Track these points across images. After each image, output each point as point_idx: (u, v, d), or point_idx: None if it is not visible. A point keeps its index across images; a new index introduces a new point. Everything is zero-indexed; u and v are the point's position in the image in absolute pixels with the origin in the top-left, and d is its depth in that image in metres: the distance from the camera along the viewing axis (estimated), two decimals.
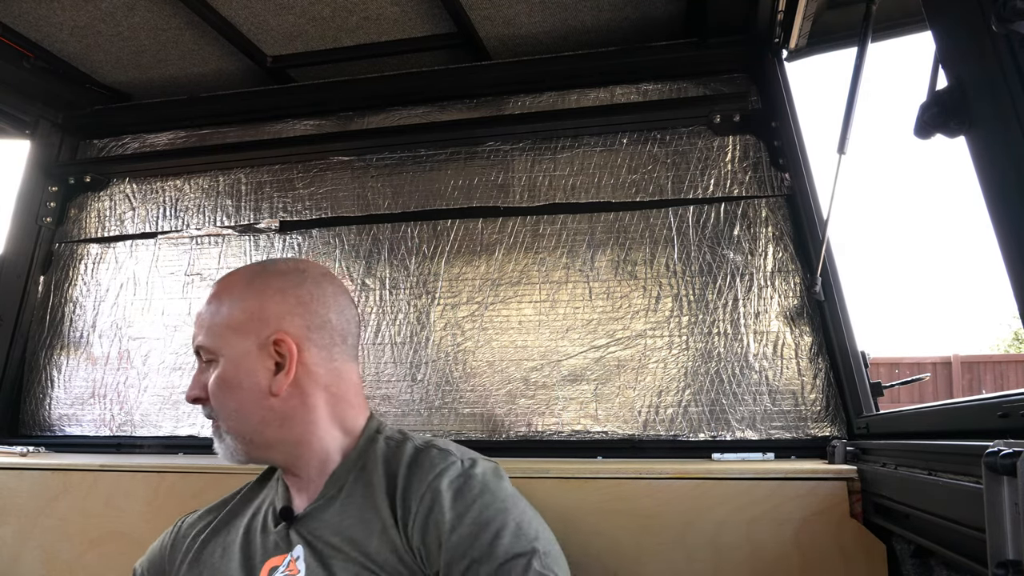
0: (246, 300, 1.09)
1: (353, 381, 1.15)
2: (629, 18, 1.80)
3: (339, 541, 1.02)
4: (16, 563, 1.68)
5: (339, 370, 1.12)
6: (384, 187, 2.07)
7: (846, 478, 1.35)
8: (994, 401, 0.91)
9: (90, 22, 1.85)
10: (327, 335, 1.11)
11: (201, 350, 1.10)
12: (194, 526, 1.20)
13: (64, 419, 2.15)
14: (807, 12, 1.62)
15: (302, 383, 1.08)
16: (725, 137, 1.88)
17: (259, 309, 1.08)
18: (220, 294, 1.11)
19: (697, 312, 1.81)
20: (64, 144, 2.30)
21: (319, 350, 1.10)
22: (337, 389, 1.12)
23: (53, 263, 2.26)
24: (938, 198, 64.72)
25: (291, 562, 1.04)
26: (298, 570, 1.02)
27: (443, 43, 1.92)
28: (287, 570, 1.03)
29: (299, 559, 1.04)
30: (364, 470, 1.08)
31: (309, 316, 1.09)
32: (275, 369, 1.07)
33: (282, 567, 1.04)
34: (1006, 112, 0.73)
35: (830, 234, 1.63)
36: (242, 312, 1.08)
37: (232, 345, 1.07)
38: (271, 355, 1.07)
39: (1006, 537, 0.65)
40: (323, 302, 1.12)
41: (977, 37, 0.76)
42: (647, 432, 1.78)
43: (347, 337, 1.15)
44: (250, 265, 1.17)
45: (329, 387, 1.10)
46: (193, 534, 1.18)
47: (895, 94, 44.20)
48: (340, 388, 1.12)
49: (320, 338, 1.10)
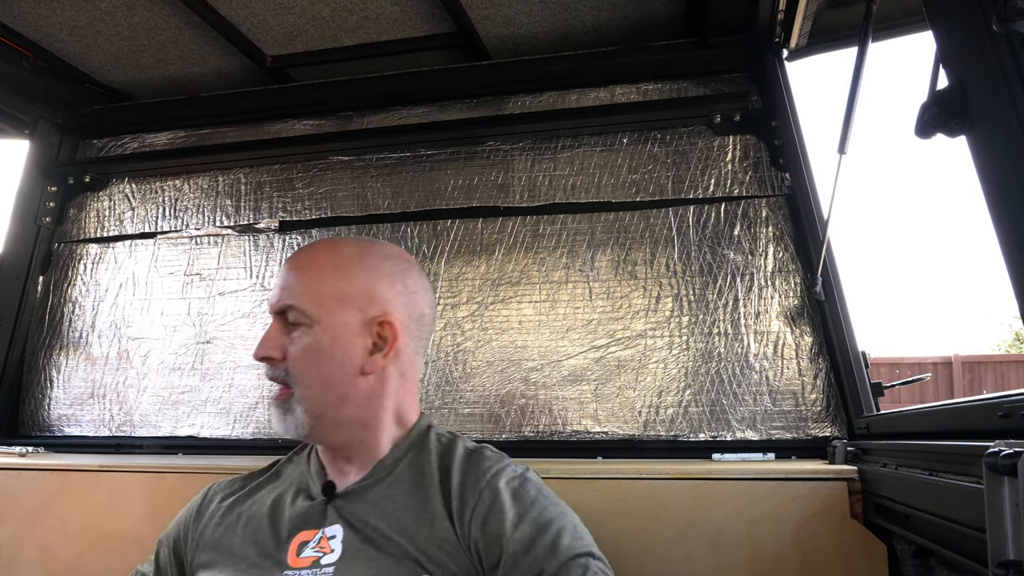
0: (358, 276, 1.09)
1: (418, 376, 1.19)
2: (629, 18, 1.80)
3: (384, 525, 1.02)
4: (16, 563, 1.68)
5: (415, 363, 1.16)
6: (384, 187, 2.07)
7: (846, 478, 1.35)
8: (995, 401, 0.91)
9: (90, 22, 1.85)
10: (420, 327, 1.15)
11: (291, 311, 1.08)
12: (222, 490, 1.19)
13: (63, 419, 2.15)
14: (807, 12, 1.62)
15: (388, 368, 1.10)
16: (725, 137, 1.87)
17: (370, 287, 1.09)
18: (325, 263, 1.10)
19: (697, 312, 1.81)
20: (63, 144, 2.30)
21: (410, 340, 1.13)
22: (409, 380, 1.15)
23: (52, 263, 2.26)
24: (938, 198, 64.74)
25: (322, 539, 1.04)
26: (331, 549, 1.02)
27: (443, 43, 1.92)
28: (318, 547, 1.03)
29: (334, 538, 1.03)
30: (415, 461, 1.10)
31: (412, 306, 1.13)
32: (372, 349, 1.08)
33: (312, 542, 1.04)
34: (1006, 112, 0.73)
35: (830, 234, 1.63)
36: (350, 285, 1.08)
37: (334, 315, 1.07)
38: (371, 334, 1.08)
39: (1007, 537, 0.65)
40: (423, 295, 1.16)
41: (978, 37, 0.76)
42: (647, 432, 1.78)
43: (430, 333, 1.20)
44: (353, 240, 1.16)
45: (404, 376, 1.13)
46: (219, 498, 1.18)
47: (895, 94, 44.21)
48: (411, 380, 1.15)
49: (414, 329, 1.13)
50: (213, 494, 1.20)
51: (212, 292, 2.12)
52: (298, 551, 1.04)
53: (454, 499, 1.02)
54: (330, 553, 1.02)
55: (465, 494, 1.02)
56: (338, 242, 1.16)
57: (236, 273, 2.12)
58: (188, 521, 1.18)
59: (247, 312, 2.08)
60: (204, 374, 2.07)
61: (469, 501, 1.01)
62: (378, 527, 1.03)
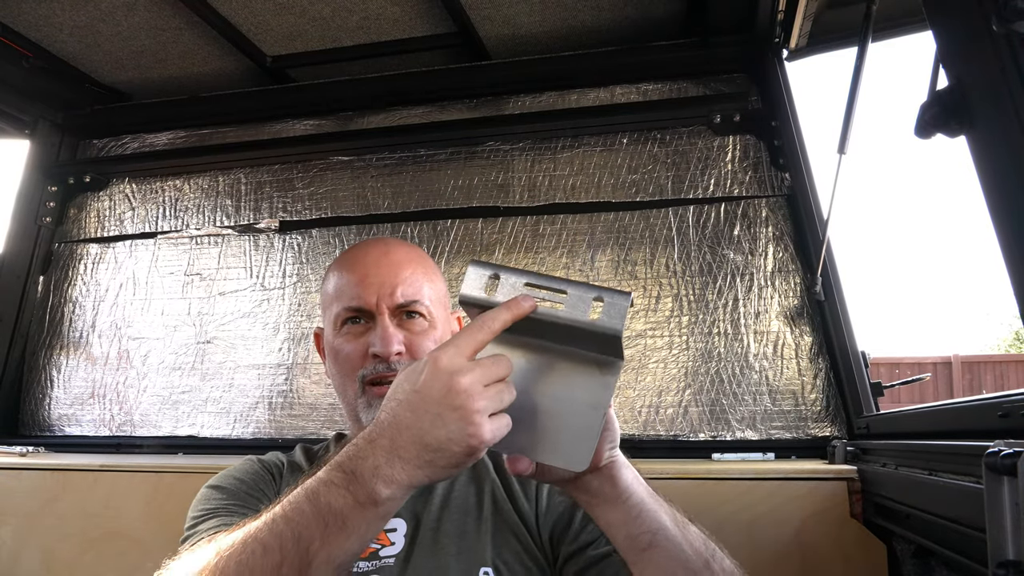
0: (441, 282, 1.18)
1: None
2: (629, 18, 1.80)
3: (445, 518, 1.04)
4: (16, 563, 1.68)
5: None
6: (384, 187, 2.07)
7: (846, 478, 1.35)
8: (994, 401, 0.91)
9: (90, 22, 1.85)
10: None
11: (421, 310, 1.11)
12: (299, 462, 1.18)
13: (64, 419, 2.15)
14: (807, 12, 1.62)
15: None
16: (725, 137, 1.87)
17: (446, 289, 1.20)
18: (429, 268, 1.16)
19: (697, 312, 1.81)
20: (64, 144, 2.30)
21: None
22: None
23: (53, 263, 2.26)
24: (938, 198, 64.74)
25: (381, 533, 1.04)
26: (391, 541, 1.03)
27: (443, 43, 1.92)
28: (376, 540, 1.03)
29: (395, 531, 1.04)
30: None
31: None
32: None
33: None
34: (1006, 112, 0.73)
35: (830, 234, 1.63)
36: (443, 291, 1.18)
37: (444, 319, 1.15)
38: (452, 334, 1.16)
39: (1007, 537, 0.65)
40: None
41: (977, 37, 0.76)
42: (647, 432, 1.78)
43: None
44: (415, 246, 1.22)
45: None
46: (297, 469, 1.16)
47: (895, 94, 44.20)
48: None
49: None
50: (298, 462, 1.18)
51: (212, 292, 2.12)
52: None
53: (515, 480, 1.06)
54: (390, 546, 1.03)
55: (528, 482, 1.06)
56: (410, 248, 1.19)
57: (236, 273, 2.12)
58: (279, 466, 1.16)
59: (247, 312, 2.08)
60: (204, 374, 2.07)
61: (531, 488, 1.06)
62: (440, 520, 1.04)
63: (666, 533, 0.81)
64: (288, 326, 2.04)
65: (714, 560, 0.84)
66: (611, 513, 0.82)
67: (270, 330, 2.05)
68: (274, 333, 2.05)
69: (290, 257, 2.09)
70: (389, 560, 1.01)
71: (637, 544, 0.81)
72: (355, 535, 0.70)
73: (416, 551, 1.01)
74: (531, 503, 1.05)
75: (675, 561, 0.81)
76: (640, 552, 0.81)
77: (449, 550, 1.01)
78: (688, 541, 0.83)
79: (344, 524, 0.69)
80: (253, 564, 0.69)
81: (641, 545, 0.81)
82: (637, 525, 0.81)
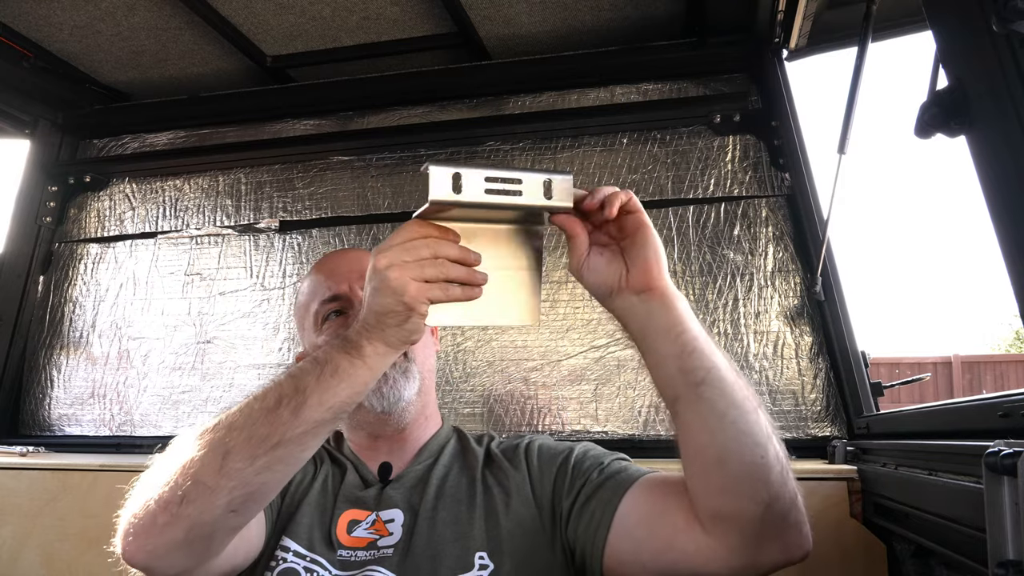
0: None
1: None
2: (629, 18, 1.80)
3: (441, 508, 1.07)
4: (16, 563, 1.68)
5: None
6: (384, 187, 2.07)
7: (846, 478, 1.35)
8: (994, 401, 0.91)
9: (90, 22, 1.85)
10: None
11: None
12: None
13: (64, 419, 2.15)
14: (807, 12, 1.62)
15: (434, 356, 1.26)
16: (725, 137, 1.87)
17: None
18: None
19: (697, 312, 1.80)
20: (64, 144, 2.30)
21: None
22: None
23: (53, 263, 2.26)
24: (938, 198, 64.74)
25: (377, 521, 1.07)
26: (389, 532, 1.05)
27: (443, 43, 1.92)
28: (372, 528, 1.06)
29: (392, 521, 1.07)
30: (456, 446, 1.19)
31: None
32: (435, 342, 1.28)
33: (365, 523, 1.07)
34: (1006, 112, 0.73)
35: (830, 234, 1.63)
36: None
37: None
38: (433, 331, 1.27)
39: (1007, 537, 0.65)
40: None
41: (977, 37, 0.76)
42: (647, 432, 1.78)
43: None
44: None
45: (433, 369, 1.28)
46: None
47: (895, 94, 44.21)
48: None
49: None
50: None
51: (212, 292, 2.12)
52: (348, 529, 1.06)
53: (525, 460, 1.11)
54: (388, 536, 1.05)
55: (517, 459, 1.12)
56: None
57: (236, 273, 2.12)
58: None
59: (247, 312, 2.08)
60: (204, 374, 2.07)
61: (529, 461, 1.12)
62: (436, 510, 1.07)
63: (719, 372, 0.83)
64: (288, 326, 2.04)
65: (762, 410, 0.85)
66: (665, 345, 0.85)
67: (270, 330, 2.05)
68: (274, 333, 2.05)
69: (290, 257, 2.10)
70: (388, 550, 1.03)
71: (691, 378, 0.83)
72: (345, 381, 0.83)
73: (414, 541, 1.03)
74: (522, 474, 1.10)
75: (727, 399, 0.82)
76: (694, 387, 0.83)
77: (445, 537, 1.03)
78: (741, 385, 0.84)
79: (336, 370, 0.83)
80: (253, 406, 0.85)
81: (695, 380, 0.83)
82: (692, 360, 0.83)
